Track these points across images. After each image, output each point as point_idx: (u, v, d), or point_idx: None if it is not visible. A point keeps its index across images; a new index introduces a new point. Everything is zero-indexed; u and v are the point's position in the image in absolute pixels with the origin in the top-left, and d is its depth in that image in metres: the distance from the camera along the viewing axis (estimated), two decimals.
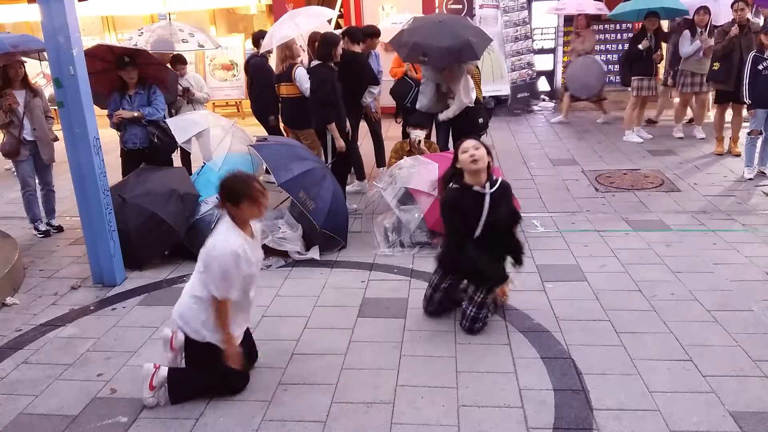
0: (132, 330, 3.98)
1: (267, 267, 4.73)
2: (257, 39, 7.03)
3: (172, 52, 7.00)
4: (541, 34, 11.11)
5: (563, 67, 10.91)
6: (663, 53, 8.47)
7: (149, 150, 5.64)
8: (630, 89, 8.32)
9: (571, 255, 4.79)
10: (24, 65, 5.65)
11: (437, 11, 10.28)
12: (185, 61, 7.00)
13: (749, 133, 6.42)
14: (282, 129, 6.99)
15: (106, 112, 5.60)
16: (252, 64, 7.05)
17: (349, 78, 5.80)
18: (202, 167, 5.62)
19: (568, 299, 4.08)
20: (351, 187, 6.55)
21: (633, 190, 6.32)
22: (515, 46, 10.46)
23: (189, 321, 3.10)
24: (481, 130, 6.25)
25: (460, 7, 10.46)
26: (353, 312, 4.05)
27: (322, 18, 6.92)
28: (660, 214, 5.59)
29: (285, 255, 4.94)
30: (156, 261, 4.98)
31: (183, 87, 6.75)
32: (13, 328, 4.09)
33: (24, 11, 10.25)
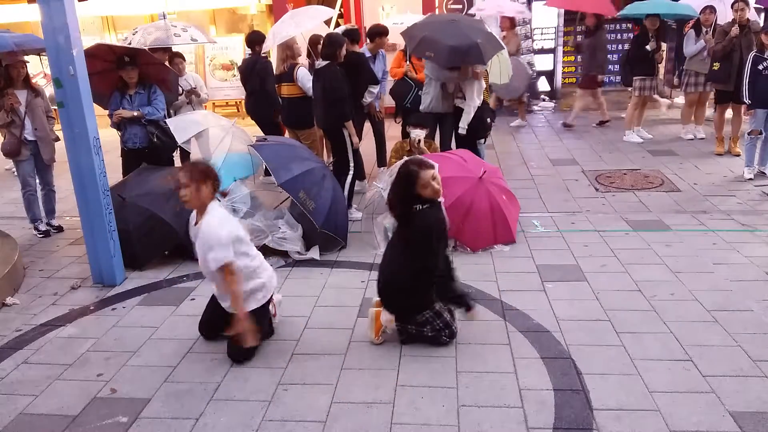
0: (132, 330, 3.97)
1: None
2: (250, 41, 6.89)
3: (166, 46, 6.93)
4: (541, 34, 11.12)
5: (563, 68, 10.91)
6: (663, 53, 8.46)
7: (149, 150, 5.64)
8: (632, 89, 8.33)
9: (571, 255, 4.79)
10: (26, 65, 5.65)
11: (437, 11, 10.27)
12: (183, 57, 6.96)
13: (749, 133, 6.42)
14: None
15: (106, 112, 5.61)
16: (245, 63, 6.91)
17: (351, 78, 5.80)
18: None
19: (568, 299, 4.08)
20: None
21: (633, 190, 6.32)
22: None
23: None
24: (488, 129, 6.24)
25: (459, 7, 10.46)
26: (353, 312, 4.05)
27: (322, 18, 6.91)
28: (660, 214, 5.59)
29: (285, 255, 4.94)
30: (156, 261, 4.98)
31: (190, 87, 6.69)
32: (13, 328, 4.09)
33: (24, 11, 10.25)
